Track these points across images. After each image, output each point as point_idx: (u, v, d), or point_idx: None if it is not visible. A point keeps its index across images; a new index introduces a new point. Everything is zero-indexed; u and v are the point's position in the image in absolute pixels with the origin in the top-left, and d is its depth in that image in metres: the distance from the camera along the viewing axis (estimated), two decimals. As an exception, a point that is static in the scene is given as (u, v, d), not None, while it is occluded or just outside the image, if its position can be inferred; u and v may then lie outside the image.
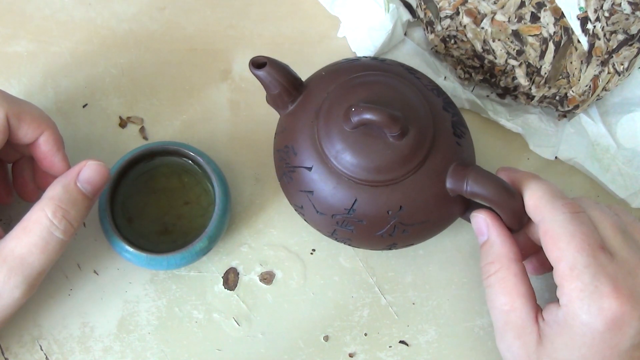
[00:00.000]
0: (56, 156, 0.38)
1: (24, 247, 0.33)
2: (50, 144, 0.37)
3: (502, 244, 0.36)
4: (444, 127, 0.37)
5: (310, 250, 0.44)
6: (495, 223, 0.36)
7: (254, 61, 0.36)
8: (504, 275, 0.35)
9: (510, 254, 0.35)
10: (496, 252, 0.36)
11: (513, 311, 0.34)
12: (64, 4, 0.48)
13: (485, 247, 0.36)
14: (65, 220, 0.34)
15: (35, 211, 0.34)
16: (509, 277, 0.35)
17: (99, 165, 0.35)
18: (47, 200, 0.34)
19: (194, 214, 0.42)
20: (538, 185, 0.35)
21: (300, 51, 0.48)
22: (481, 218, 0.37)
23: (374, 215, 0.36)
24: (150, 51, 0.47)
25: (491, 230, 0.36)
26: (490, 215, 0.36)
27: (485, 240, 0.36)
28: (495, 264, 0.35)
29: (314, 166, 0.36)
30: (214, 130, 0.46)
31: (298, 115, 0.38)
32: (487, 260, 0.36)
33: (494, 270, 0.35)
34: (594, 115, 0.47)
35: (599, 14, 0.42)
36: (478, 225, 0.37)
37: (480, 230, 0.37)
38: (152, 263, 0.39)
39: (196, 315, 0.42)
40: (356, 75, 0.37)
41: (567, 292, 0.32)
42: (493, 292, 0.35)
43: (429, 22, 0.46)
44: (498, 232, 0.36)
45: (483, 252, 0.37)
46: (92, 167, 0.35)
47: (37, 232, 0.34)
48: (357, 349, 0.43)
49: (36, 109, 0.37)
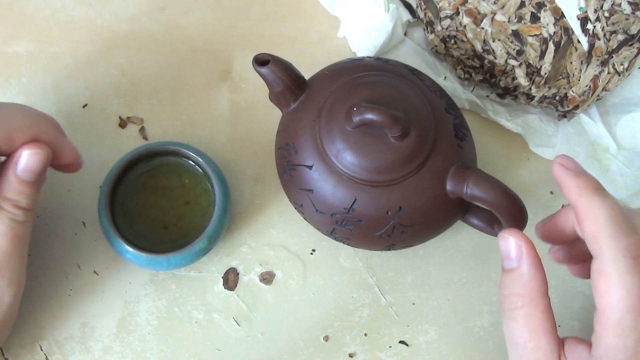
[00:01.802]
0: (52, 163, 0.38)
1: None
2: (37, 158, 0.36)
3: (535, 278, 0.32)
4: (446, 129, 0.37)
5: (310, 250, 0.44)
6: (531, 252, 0.32)
7: (257, 59, 0.36)
8: (531, 311, 0.32)
9: (542, 288, 0.32)
10: (526, 285, 0.32)
11: (538, 349, 0.32)
12: (64, 4, 0.48)
13: (512, 275, 0.32)
14: (18, 207, 0.35)
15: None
16: (537, 313, 0.32)
17: (34, 153, 0.35)
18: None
19: (194, 214, 0.42)
20: (602, 208, 0.30)
21: (300, 51, 0.48)
22: (514, 242, 0.32)
23: (373, 215, 0.36)
24: (150, 51, 0.47)
25: (525, 260, 0.32)
26: (525, 240, 0.32)
27: (514, 268, 0.32)
28: (525, 298, 0.32)
29: (314, 165, 0.36)
30: (214, 130, 0.46)
31: (300, 113, 0.38)
32: (513, 290, 0.32)
33: (521, 304, 0.32)
34: (594, 115, 0.47)
35: (599, 14, 0.42)
36: (507, 249, 0.32)
37: (509, 255, 0.32)
38: (152, 263, 0.39)
39: (196, 315, 0.42)
40: (359, 75, 0.37)
41: (605, 348, 0.30)
42: (516, 326, 0.32)
43: (429, 22, 0.46)
44: (532, 262, 0.32)
45: (508, 280, 0.32)
46: (27, 156, 0.35)
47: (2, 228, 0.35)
48: (357, 349, 0.43)
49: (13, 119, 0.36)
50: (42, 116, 0.38)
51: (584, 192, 0.31)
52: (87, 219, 0.43)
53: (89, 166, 0.44)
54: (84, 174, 0.44)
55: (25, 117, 0.37)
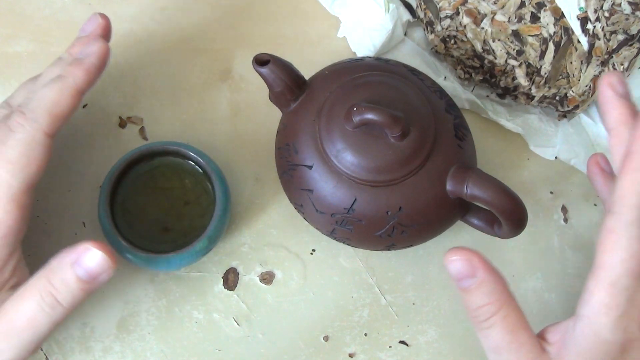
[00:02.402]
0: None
1: (15, 315, 0.32)
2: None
3: (496, 281, 0.32)
4: (446, 129, 0.37)
5: (310, 250, 0.44)
6: (482, 260, 0.32)
7: (257, 59, 0.36)
8: (506, 312, 0.32)
9: (506, 287, 0.32)
10: (493, 291, 0.32)
11: (522, 347, 0.32)
12: (64, 4, 0.48)
13: (476, 290, 0.32)
14: (55, 301, 0.32)
15: (35, 277, 0.32)
16: (511, 312, 0.32)
17: (104, 258, 0.31)
18: (46, 270, 0.32)
19: (194, 214, 0.42)
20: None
21: (300, 51, 0.48)
22: (462, 261, 0.32)
23: (373, 215, 0.36)
24: (150, 51, 0.47)
25: (481, 269, 0.32)
26: (472, 253, 0.32)
27: (472, 283, 0.32)
28: (496, 303, 0.32)
29: (314, 165, 0.36)
30: (214, 130, 0.46)
31: (300, 113, 0.38)
32: (481, 302, 0.32)
33: (495, 309, 0.32)
34: (594, 115, 0.47)
35: (599, 14, 0.42)
36: (458, 270, 0.32)
37: (463, 275, 0.32)
38: (152, 263, 0.39)
39: (196, 316, 0.42)
40: (359, 75, 0.37)
41: (596, 304, 0.30)
42: (495, 332, 0.32)
43: (429, 22, 0.46)
44: (489, 271, 0.32)
45: (474, 295, 0.32)
46: (96, 258, 0.31)
47: (29, 304, 0.32)
48: (357, 349, 0.43)
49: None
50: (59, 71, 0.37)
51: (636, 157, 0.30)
52: (87, 219, 0.43)
53: (89, 166, 0.44)
54: (84, 174, 0.44)
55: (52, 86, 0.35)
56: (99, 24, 0.39)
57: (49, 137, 0.35)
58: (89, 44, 0.37)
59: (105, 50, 0.37)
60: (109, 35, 0.40)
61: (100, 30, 0.39)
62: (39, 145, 0.34)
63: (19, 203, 0.34)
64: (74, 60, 0.37)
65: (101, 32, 0.39)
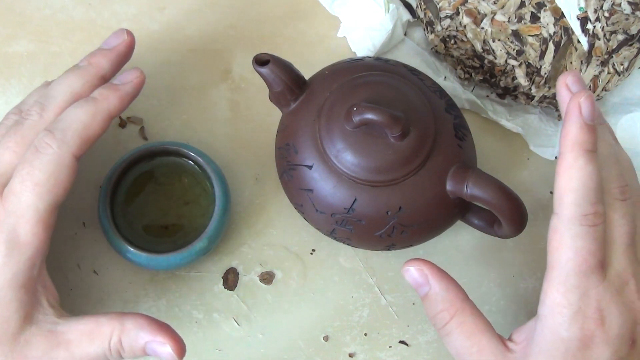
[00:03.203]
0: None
1: (80, 350, 0.33)
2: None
3: (448, 289, 0.34)
4: (446, 128, 0.37)
5: (310, 250, 0.44)
6: (433, 270, 0.35)
7: (257, 58, 0.36)
8: (461, 319, 0.34)
9: (459, 294, 0.34)
10: (445, 299, 0.34)
11: (482, 350, 0.33)
12: (64, 4, 0.48)
13: (430, 297, 0.35)
14: (119, 356, 0.34)
15: (108, 325, 0.34)
16: (466, 318, 0.34)
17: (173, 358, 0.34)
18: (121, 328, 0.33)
19: (194, 214, 0.42)
20: (580, 172, 0.31)
21: (300, 51, 0.48)
22: (415, 270, 0.35)
23: (373, 215, 0.36)
24: (150, 51, 0.47)
25: (431, 278, 0.35)
26: (424, 263, 0.35)
27: (427, 291, 0.35)
28: (450, 310, 0.34)
29: (314, 165, 0.36)
30: (214, 130, 0.46)
31: (300, 113, 0.38)
32: (436, 309, 0.34)
33: (449, 316, 0.34)
34: (594, 115, 0.47)
35: (599, 14, 0.42)
36: (413, 278, 0.35)
37: (418, 283, 0.35)
38: (152, 263, 0.39)
39: (196, 315, 0.42)
40: (359, 75, 0.37)
41: (550, 304, 0.32)
42: (454, 338, 0.34)
43: (429, 22, 0.46)
44: (439, 277, 0.35)
45: (429, 303, 0.35)
46: (167, 352, 0.33)
47: (97, 346, 0.33)
48: (357, 349, 0.43)
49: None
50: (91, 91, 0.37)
51: (576, 147, 0.32)
52: (87, 219, 0.43)
53: (89, 166, 0.44)
54: (84, 174, 0.44)
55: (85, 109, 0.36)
56: (123, 40, 0.39)
57: (76, 160, 0.35)
58: (128, 72, 0.38)
59: (142, 81, 0.38)
60: (131, 53, 0.40)
61: (123, 47, 0.39)
62: (66, 168, 0.34)
63: (46, 225, 0.34)
64: (110, 85, 0.37)
65: (124, 49, 0.39)
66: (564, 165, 0.32)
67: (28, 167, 0.33)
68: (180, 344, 0.33)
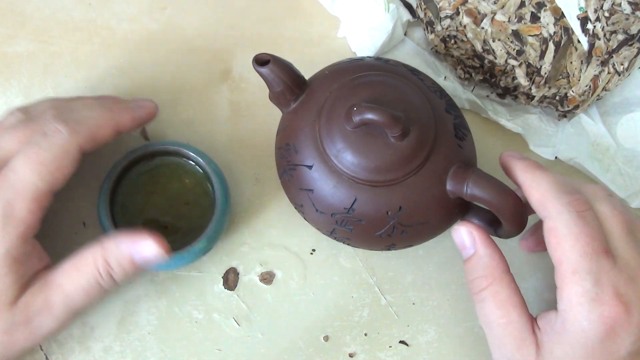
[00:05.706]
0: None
1: (71, 285, 0.35)
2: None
3: (492, 257, 0.35)
4: (446, 128, 0.37)
5: (310, 250, 0.44)
6: (482, 235, 0.35)
7: (257, 58, 0.36)
8: (497, 289, 0.34)
9: (501, 265, 0.35)
10: (486, 265, 0.35)
11: (510, 324, 0.33)
12: (64, 4, 0.48)
13: (472, 261, 0.35)
14: (111, 277, 0.35)
15: (90, 254, 0.35)
16: (503, 289, 0.34)
17: (160, 253, 0.35)
18: (102, 250, 0.35)
19: (194, 214, 0.42)
20: (544, 178, 0.34)
21: (300, 51, 0.48)
22: (465, 231, 0.36)
23: (373, 215, 0.36)
24: (150, 51, 0.47)
25: (478, 243, 0.35)
26: (475, 227, 0.36)
27: (472, 255, 0.36)
28: (488, 278, 0.34)
29: (314, 165, 0.36)
30: (214, 130, 0.46)
31: (300, 113, 0.38)
32: (476, 274, 0.35)
33: (486, 284, 0.34)
34: (594, 115, 0.47)
35: (599, 14, 0.42)
36: (461, 239, 0.36)
37: (464, 244, 0.36)
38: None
39: (196, 316, 0.42)
40: (359, 75, 0.37)
41: (567, 297, 0.31)
42: (487, 306, 0.34)
43: (429, 22, 0.46)
44: (486, 244, 0.35)
45: (470, 266, 0.36)
46: (152, 251, 0.35)
47: (86, 276, 0.35)
48: (357, 349, 0.43)
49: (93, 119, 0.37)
50: (107, 105, 0.39)
51: (528, 168, 0.35)
52: (87, 219, 0.43)
53: (89, 166, 0.44)
54: (84, 174, 0.44)
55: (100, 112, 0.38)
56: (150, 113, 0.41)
57: (80, 152, 0.36)
58: (144, 100, 0.41)
59: (154, 113, 0.41)
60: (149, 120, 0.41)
61: (146, 116, 0.41)
62: (71, 155, 0.35)
63: (41, 205, 0.35)
64: (126, 105, 0.40)
65: (146, 118, 0.41)
66: (528, 185, 0.34)
67: (35, 147, 0.34)
68: (162, 241, 0.35)
